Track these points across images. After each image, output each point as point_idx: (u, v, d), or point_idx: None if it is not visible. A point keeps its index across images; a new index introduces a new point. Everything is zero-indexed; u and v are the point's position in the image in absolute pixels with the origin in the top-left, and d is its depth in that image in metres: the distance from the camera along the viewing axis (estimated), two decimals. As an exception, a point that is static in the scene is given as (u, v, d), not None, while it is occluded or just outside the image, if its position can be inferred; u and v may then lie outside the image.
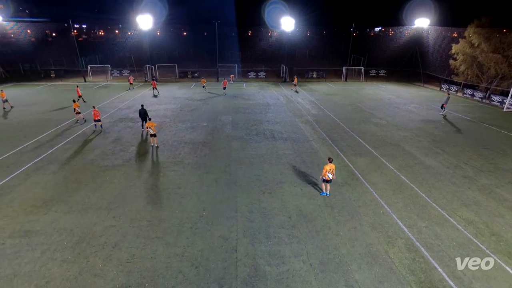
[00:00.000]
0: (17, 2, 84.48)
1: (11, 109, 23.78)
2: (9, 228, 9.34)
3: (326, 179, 10.93)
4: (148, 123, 15.50)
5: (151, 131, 15.47)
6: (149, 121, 15.64)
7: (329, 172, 10.73)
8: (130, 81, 34.50)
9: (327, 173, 10.74)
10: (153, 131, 15.44)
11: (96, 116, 18.34)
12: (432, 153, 15.78)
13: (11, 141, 16.59)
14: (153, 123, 15.46)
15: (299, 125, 20.58)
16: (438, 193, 11.78)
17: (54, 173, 13.02)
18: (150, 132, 15.61)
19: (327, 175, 10.78)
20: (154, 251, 8.42)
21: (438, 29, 39.09)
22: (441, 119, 22.46)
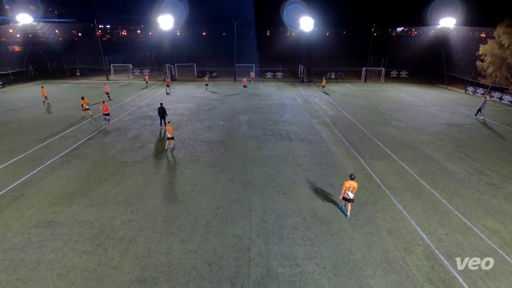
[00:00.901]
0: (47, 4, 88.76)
1: (48, 106, 25.03)
2: (35, 218, 9.83)
3: (346, 198, 9.85)
4: (167, 126, 15.39)
5: (168, 134, 15.33)
6: (168, 124, 15.48)
7: (349, 189, 9.65)
8: (146, 80, 35.44)
9: (346, 191, 9.69)
10: (170, 134, 15.33)
11: (105, 111, 19.44)
12: (455, 158, 15.15)
13: (39, 136, 17.46)
14: (170, 127, 15.37)
15: (316, 126, 20.35)
16: (461, 200, 11.30)
17: (77, 167, 13.57)
18: (167, 136, 15.47)
19: (346, 193, 9.71)
20: (169, 247, 8.59)
21: (465, 29, 37.44)
22: (466, 123, 21.51)
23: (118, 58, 50.18)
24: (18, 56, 42.23)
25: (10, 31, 54.32)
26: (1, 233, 9.08)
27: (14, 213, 10.06)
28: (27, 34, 46.41)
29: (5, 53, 45.51)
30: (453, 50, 37.16)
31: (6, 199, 10.89)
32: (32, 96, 28.60)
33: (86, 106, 20.92)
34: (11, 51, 50.42)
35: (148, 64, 44.33)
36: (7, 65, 37.56)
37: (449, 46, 37.77)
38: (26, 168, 13.35)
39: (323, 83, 34.09)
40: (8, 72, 37.11)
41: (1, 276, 7.49)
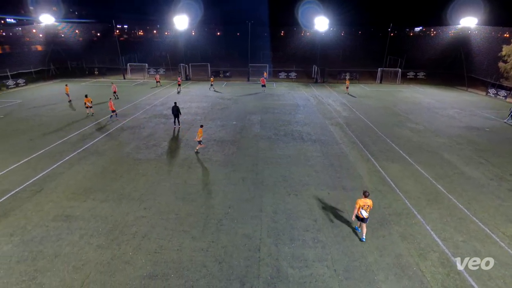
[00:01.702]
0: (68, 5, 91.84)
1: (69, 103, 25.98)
2: (53, 212, 10.18)
3: (360, 217, 8.86)
4: (200, 130, 15.13)
5: (197, 137, 15.14)
6: (200, 128, 15.25)
7: (363, 208, 8.66)
8: (157, 79, 35.96)
9: (360, 210, 8.70)
10: (198, 138, 15.04)
11: (111, 108, 20.57)
12: (474, 163, 14.62)
13: (59, 132, 18.08)
14: (201, 129, 15.12)
15: (329, 127, 20.12)
16: (479, 206, 10.90)
17: (93, 164, 13.96)
18: (196, 139, 15.38)
19: (360, 212, 8.72)
20: (181, 244, 8.71)
21: (487, 28, 36.04)
22: (486, 126, 20.72)
23: (135, 57, 51.27)
24: (40, 55, 43.91)
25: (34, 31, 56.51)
26: (21, 225, 9.46)
27: (33, 207, 10.46)
28: (49, 34, 48.06)
29: (28, 52, 47.43)
30: (474, 50, 35.86)
31: (26, 193, 11.33)
32: (52, 94, 29.67)
33: (89, 104, 21.45)
34: (34, 51, 52.46)
35: (163, 64, 45.08)
36: (30, 64, 39.10)
37: (470, 46, 36.45)
38: (45, 163, 13.85)
39: (347, 84, 32.80)
40: (31, 71, 38.62)
41: (21, 266, 7.80)
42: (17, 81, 33.67)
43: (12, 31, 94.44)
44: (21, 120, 20.68)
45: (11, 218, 9.82)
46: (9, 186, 11.76)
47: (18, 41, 76.10)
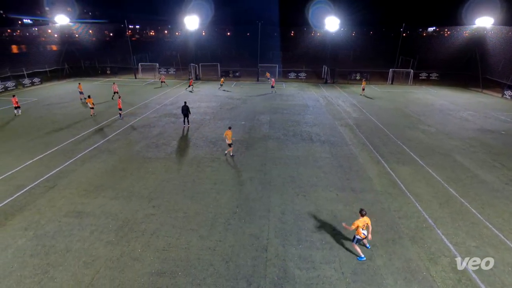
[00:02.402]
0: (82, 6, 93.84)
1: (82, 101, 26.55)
2: (65, 208, 10.43)
3: (360, 238, 8.10)
4: (227, 132, 14.49)
5: (227, 140, 14.47)
6: (228, 130, 14.53)
7: (362, 228, 8.00)
8: (162, 79, 36.19)
9: (360, 230, 7.99)
10: (228, 140, 14.43)
11: (119, 106, 21.06)
12: (489, 166, 14.24)
13: (71, 130, 18.50)
14: (230, 132, 14.46)
15: (338, 128, 19.94)
16: (493, 211, 10.60)
17: (104, 161, 14.23)
18: (227, 142, 14.57)
19: (361, 233, 8.02)
20: (188, 242, 8.78)
21: (504, 28, 35.01)
22: (502, 129, 20.14)
23: (146, 57, 51.99)
24: (55, 55, 45.04)
25: (49, 31, 57.96)
26: (35, 220, 9.72)
27: (47, 202, 10.73)
28: (64, 34, 49.30)
29: (44, 52, 48.65)
30: (489, 51, 34.88)
31: (40, 189, 11.64)
32: (66, 93, 30.38)
33: (90, 105, 21.59)
34: (49, 50, 53.80)
35: (174, 64, 45.55)
36: (45, 63, 40.16)
37: (485, 47, 35.47)
38: (58, 160, 14.19)
39: (362, 86, 31.77)
40: (46, 70, 39.64)
41: (34, 260, 8.02)
42: (33, 80, 34.60)
43: (28, 31, 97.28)
44: (36, 118, 21.25)
45: (26, 213, 10.10)
46: (24, 182, 12.10)
47: (34, 41, 78.33)
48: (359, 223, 7.93)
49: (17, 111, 21.82)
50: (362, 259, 8.20)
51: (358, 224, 7.91)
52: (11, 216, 9.92)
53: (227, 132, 14.45)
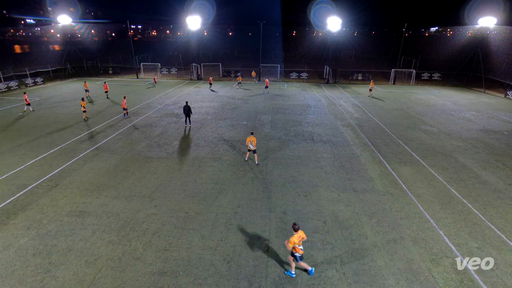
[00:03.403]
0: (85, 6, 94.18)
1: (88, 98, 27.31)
2: (67, 207, 10.47)
3: (299, 255, 7.37)
4: (250, 137, 13.54)
5: (251, 146, 13.48)
6: (251, 136, 13.63)
7: (299, 244, 7.28)
8: (155, 79, 36.43)
9: (297, 247, 7.25)
10: (253, 146, 13.49)
11: (123, 106, 21.04)
12: (491, 167, 14.17)
13: (73, 130, 18.57)
14: (254, 138, 13.54)
15: (340, 128, 19.90)
16: (496, 212, 10.55)
17: (106, 161, 14.27)
18: (250, 148, 13.58)
19: (299, 250, 7.27)
20: (190, 242, 8.79)
21: (507, 28, 34.84)
22: (505, 129, 20.04)
23: (148, 57, 52.15)
24: (58, 54, 45.24)
25: (52, 31, 58.19)
26: (37, 219, 9.76)
27: (49, 202, 10.78)
28: (66, 34, 49.47)
29: (46, 52, 48.86)
30: (492, 51, 34.75)
31: (42, 188, 11.69)
32: (69, 92, 30.51)
33: (82, 109, 20.59)
34: (52, 50, 54.03)
35: (176, 64, 45.66)
36: (47, 63, 40.35)
37: (488, 47, 35.36)
38: (61, 160, 14.25)
39: (370, 86, 31.30)
40: (48, 70, 39.82)
41: (36, 259, 8.05)
42: (35, 79, 34.78)
43: (31, 31, 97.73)
44: (39, 118, 21.35)
45: (28, 212, 10.15)
46: (26, 181, 12.16)
47: (36, 41, 78.66)
48: (295, 239, 7.16)
49: (27, 108, 22.51)
50: (292, 275, 7.61)
51: (294, 240, 7.13)
52: (14, 215, 9.97)
53: (250, 138, 13.47)
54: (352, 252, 8.50)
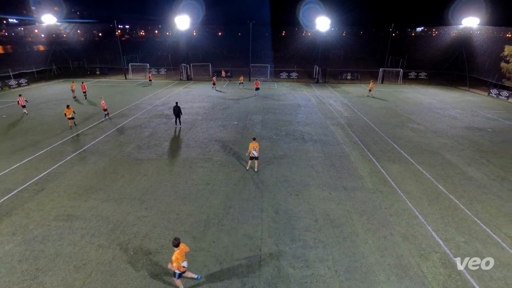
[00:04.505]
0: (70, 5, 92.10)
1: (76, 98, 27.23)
2: (54, 211, 10.21)
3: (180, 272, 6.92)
4: (252, 143, 12.59)
5: (255, 153, 12.63)
6: (253, 141, 12.69)
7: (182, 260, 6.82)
8: (150, 77, 36.56)
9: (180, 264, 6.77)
10: (257, 153, 12.68)
11: (103, 107, 20.75)
12: (476, 163, 14.57)
13: (60, 132, 18.12)
14: (257, 144, 12.72)
15: (330, 127, 20.10)
16: (481, 206, 10.86)
17: (94, 163, 13.99)
18: (254, 155, 12.69)
19: (181, 267, 6.82)
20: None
21: (489, 28, 35.93)
22: (488, 127, 20.65)
23: (136, 57, 51.41)
24: (42, 55, 44.01)
25: (36, 31, 56.71)
26: (23, 224, 9.49)
27: (35, 206, 10.49)
28: (51, 34, 48.27)
29: (30, 52, 47.56)
30: (475, 51, 35.76)
31: (28, 193, 11.37)
32: (54, 94, 29.78)
33: (69, 116, 18.59)
34: (36, 51, 52.62)
35: (165, 64, 45.18)
36: (32, 64, 39.23)
37: (472, 46, 36.38)
38: (47, 163, 13.89)
39: (370, 87, 30.98)
40: (33, 71, 38.74)
41: (22, 265, 7.82)
42: (19, 81, 33.80)
43: (14, 31, 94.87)
44: (24, 120, 20.75)
45: (14, 217, 9.85)
46: (11, 185, 11.80)
47: (20, 41, 76.44)
48: (178, 255, 6.69)
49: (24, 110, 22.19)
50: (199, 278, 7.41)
51: (177, 257, 6.67)
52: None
53: (253, 144, 12.55)
54: (343, 249, 8.60)
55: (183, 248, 6.92)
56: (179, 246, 6.80)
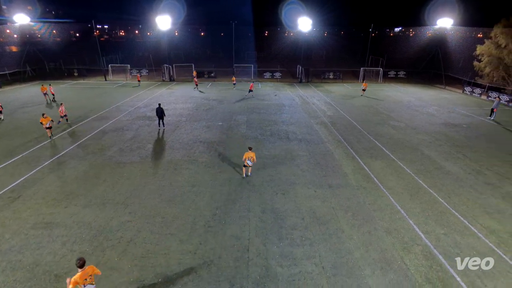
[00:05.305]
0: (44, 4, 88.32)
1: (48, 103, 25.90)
2: (32, 219, 9.78)
3: None
4: (248, 153, 11.96)
5: (249, 163, 12.12)
6: (249, 151, 12.01)
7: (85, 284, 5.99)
8: (138, 78, 36.59)
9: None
10: (251, 163, 12.19)
11: (61, 113, 19.40)
12: (453, 158, 15.22)
13: (37, 137, 17.36)
14: (253, 153, 12.07)
15: (314, 126, 20.38)
16: (458, 199, 11.35)
17: (74, 168, 13.52)
18: (248, 164, 12.21)
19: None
20: (168, 248, 8.57)
21: (462, 29, 37.62)
22: (464, 123, 21.61)
23: (116, 58, 50.07)
24: (15, 56, 42.00)
25: (8, 31, 54.07)
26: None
27: (11, 215, 10.00)
28: (24, 34, 46.17)
29: (3, 53, 45.24)
30: (450, 50, 37.37)
31: (3, 201, 10.82)
32: (30, 96, 28.50)
33: (46, 125, 16.60)
34: (8, 52, 50.12)
35: (146, 65, 44.26)
36: (4, 66, 37.35)
37: (447, 46, 37.98)
38: (23, 169, 13.28)
39: (364, 87, 31.16)
40: (6, 73, 36.91)
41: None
42: (-9, 83, 32.11)
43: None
44: (-5, 125, 19.73)
45: (-13, 227, 9.35)
46: (-16, 194, 11.20)
47: (-10, 41, 72.59)
48: (78, 278, 5.84)
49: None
50: None
51: (77, 280, 5.83)
52: (-29, 231, 9.15)
53: (249, 154, 11.99)
54: (330, 246, 8.74)
55: (88, 271, 6.00)
56: (83, 267, 5.91)
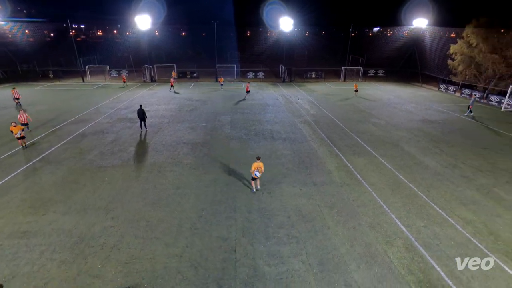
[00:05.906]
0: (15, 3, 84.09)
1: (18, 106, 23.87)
2: (7, 229, 9.29)
3: None
4: (256, 164, 11.03)
5: (257, 174, 11.15)
6: (258, 161, 11.10)
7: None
8: (124, 79, 36.02)
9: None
10: (259, 173, 11.19)
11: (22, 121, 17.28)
12: (431, 153, 15.82)
13: (9, 142, 16.48)
14: (262, 164, 11.18)
15: (298, 125, 20.59)
16: (437, 192, 11.82)
17: (52, 173, 12.97)
18: (256, 176, 11.20)
19: None
20: (153, 252, 8.40)
21: (436, 29, 39.24)
22: (440, 119, 22.52)
23: (94, 59, 48.46)
24: (-16, 58, 39.83)
25: (-25, 31, 51.12)
26: (-31, 246, 8.52)
27: (-17, 225, 9.47)
28: (-6, 34, 43.84)
29: (-30, 54, 42.76)
30: (426, 49, 38.85)
31: (-26, 210, 10.22)
32: (1, 100, 27.04)
33: (17, 135, 15.08)
34: (-24, 53, 47.39)
35: (126, 65, 43.14)
36: (-29, 68, 35.30)
37: (422, 45, 39.48)
38: (-4, 176, 12.59)
39: (355, 88, 31.12)
40: (-27, 75, 34.87)
41: (-29, 292, 7.02)
42: (-43, 86, 30.22)
43: None
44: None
45: (-43, 239, 8.80)
46: (-48, 204, 10.52)
47: (-44, 42, 68.35)
48: None
49: None
50: None
51: None
52: None
53: (257, 164, 11.07)
54: (316, 243, 8.87)
55: None
56: None
